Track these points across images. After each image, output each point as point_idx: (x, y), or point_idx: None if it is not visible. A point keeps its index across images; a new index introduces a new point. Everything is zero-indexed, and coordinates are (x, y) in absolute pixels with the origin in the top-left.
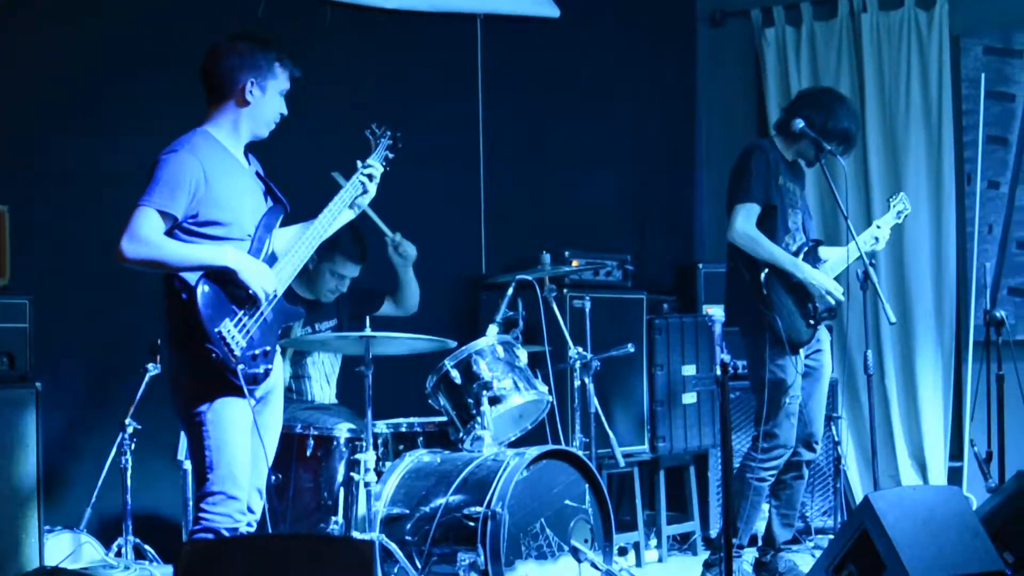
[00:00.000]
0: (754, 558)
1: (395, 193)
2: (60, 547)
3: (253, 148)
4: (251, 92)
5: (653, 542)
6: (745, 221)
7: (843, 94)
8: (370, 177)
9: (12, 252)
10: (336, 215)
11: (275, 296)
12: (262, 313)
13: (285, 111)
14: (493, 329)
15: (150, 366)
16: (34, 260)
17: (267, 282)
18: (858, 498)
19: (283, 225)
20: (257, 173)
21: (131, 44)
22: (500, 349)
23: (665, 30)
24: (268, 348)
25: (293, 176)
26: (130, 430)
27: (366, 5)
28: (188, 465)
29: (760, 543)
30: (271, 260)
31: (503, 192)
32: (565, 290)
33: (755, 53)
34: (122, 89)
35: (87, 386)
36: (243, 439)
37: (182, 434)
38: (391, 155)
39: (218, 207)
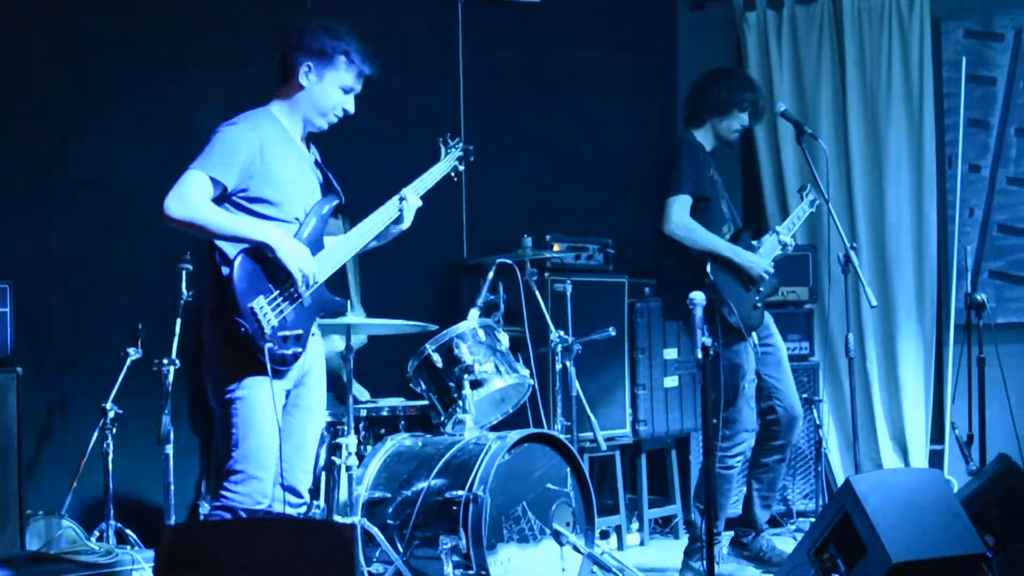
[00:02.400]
0: (731, 538)
1: (375, 177)
2: (42, 532)
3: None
4: (307, 76)
5: (635, 525)
6: (679, 213)
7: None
8: (402, 199)
9: None
10: (377, 228)
11: (315, 282)
12: (300, 296)
13: (350, 108)
14: (474, 313)
15: (131, 351)
16: (14, 245)
17: (306, 264)
18: (839, 481)
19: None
20: (316, 162)
21: (107, 27)
22: (481, 333)
23: (646, 13)
24: (301, 332)
25: None
26: (111, 415)
27: None
28: (170, 450)
29: (738, 524)
30: (316, 246)
31: (484, 176)
32: (546, 274)
33: (736, 37)
34: (97, 75)
35: (68, 371)
36: (272, 421)
37: (164, 418)
38: (460, 167)
39: (270, 185)
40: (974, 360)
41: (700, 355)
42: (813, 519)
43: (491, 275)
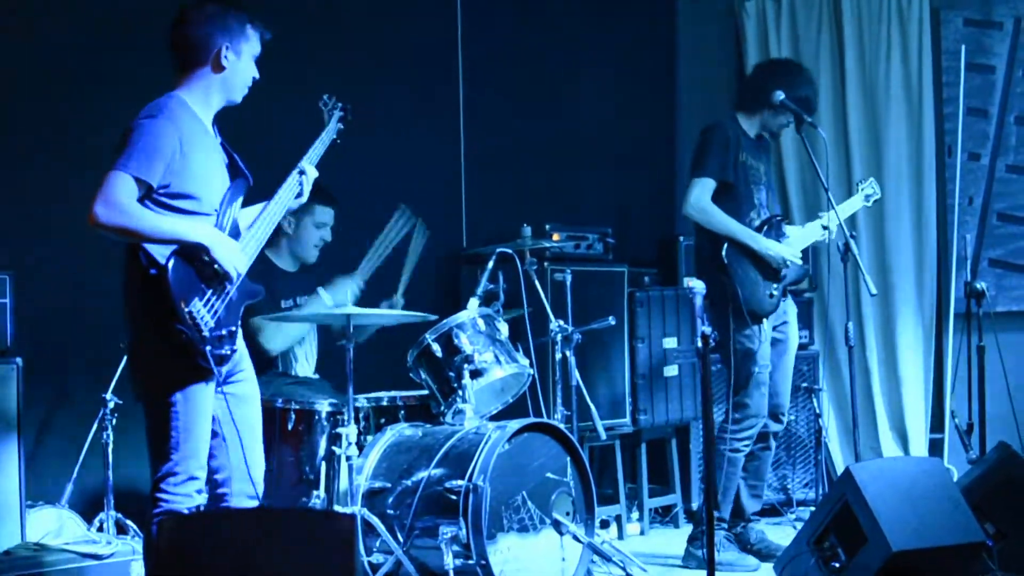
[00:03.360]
0: (723, 528)
1: (377, 167)
2: (42, 522)
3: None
4: (226, 57)
5: (635, 515)
6: (699, 195)
7: (799, 62)
8: (301, 172)
9: None
10: (284, 206)
11: (241, 275)
12: (228, 292)
13: (257, 75)
14: (474, 302)
15: None
16: (14, 235)
17: (239, 261)
18: (839, 470)
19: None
20: (222, 144)
21: (108, 21)
22: (481, 322)
23: (645, 3)
24: (233, 328)
25: (267, 151)
26: (111, 405)
27: None
28: None
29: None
30: (235, 235)
31: (484, 165)
32: (546, 263)
33: (735, 26)
34: (95, 64)
35: (68, 361)
36: (207, 423)
37: None
38: (342, 127)
39: (191, 179)
40: (974, 348)
41: (700, 344)
42: (813, 508)
43: (491, 264)
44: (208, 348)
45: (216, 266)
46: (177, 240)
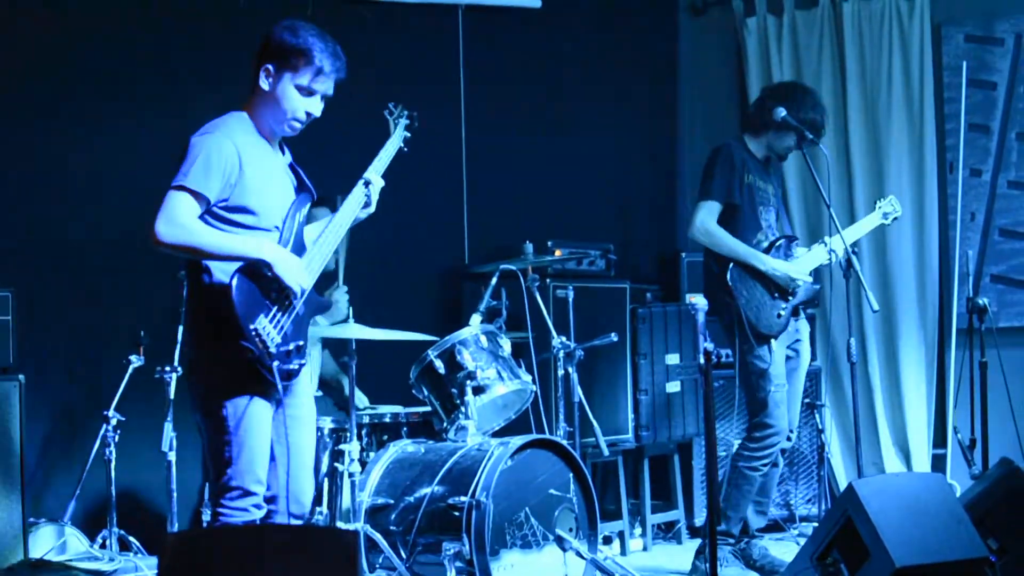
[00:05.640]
0: (729, 544)
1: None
2: (45, 539)
3: None
4: (266, 79)
5: (638, 531)
6: (704, 218)
7: (807, 85)
8: (367, 183)
9: None
10: (350, 218)
11: (306, 290)
12: (294, 307)
13: (315, 111)
14: (476, 319)
15: (133, 358)
16: (16, 252)
17: (303, 277)
18: (842, 486)
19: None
20: (290, 164)
21: (121, 40)
22: (484, 339)
23: (647, 19)
24: (301, 343)
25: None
26: (114, 422)
27: None
28: (172, 456)
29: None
30: (298, 249)
31: (486, 182)
32: (548, 279)
33: (737, 42)
34: (109, 84)
35: (70, 378)
36: (265, 439)
37: (166, 425)
38: (408, 135)
39: (250, 194)
40: (976, 364)
41: (702, 360)
42: (816, 524)
43: (493, 281)
44: (275, 363)
45: (279, 282)
46: (240, 257)
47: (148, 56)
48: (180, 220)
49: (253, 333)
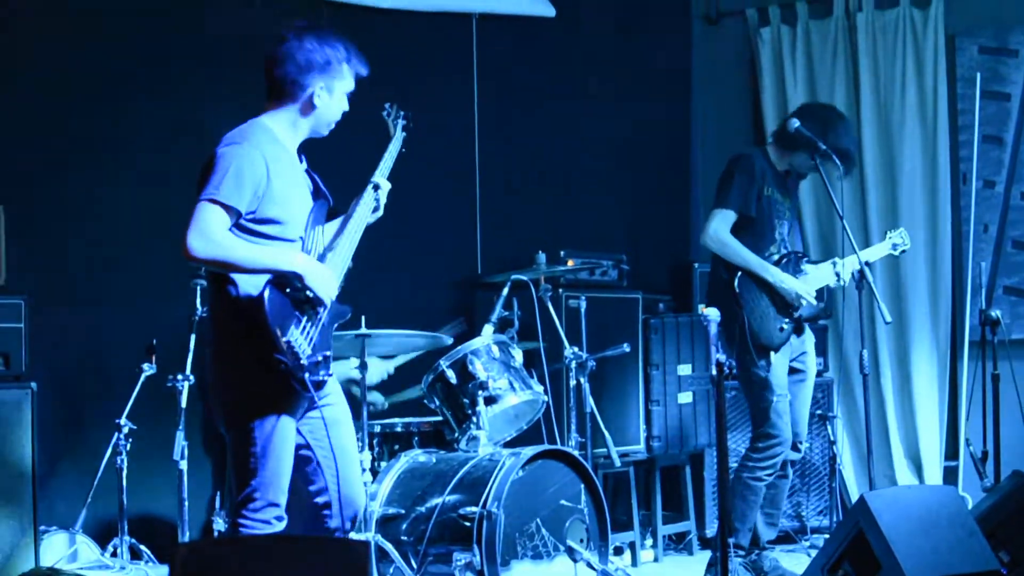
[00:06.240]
0: (740, 556)
1: (391, 193)
2: (56, 547)
3: None
4: (319, 96)
5: (649, 542)
6: (717, 226)
7: (843, 113)
8: (375, 187)
9: (7, 251)
10: (363, 223)
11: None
12: (320, 317)
13: (347, 108)
14: (488, 329)
15: (145, 366)
16: (30, 260)
17: (332, 287)
18: (854, 497)
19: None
20: (307, 171)
21: (124, 46)
22: (496, 349)
23: (660, 29)
24: (328, 353)
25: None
26: (125, 430)
27: (362, 5)
28: (184, 465)
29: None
30: (322, 259)
31: (499, 192)
32: (560, 290)
33: (751, 52)
34: (123, 89)
35: (82, 386)
36: (289, 451)
37: (178, 434)
38: (405, 135)
39: (276, 205)
40: (988, 376)
41: (714, 371)
42: (827, 535)
43: (505, 291)
44: (307, 375)
45: (309, 293)
46: (271, 270)
47: (166, 68)
48: (213, 235)
49: (286, 345)
